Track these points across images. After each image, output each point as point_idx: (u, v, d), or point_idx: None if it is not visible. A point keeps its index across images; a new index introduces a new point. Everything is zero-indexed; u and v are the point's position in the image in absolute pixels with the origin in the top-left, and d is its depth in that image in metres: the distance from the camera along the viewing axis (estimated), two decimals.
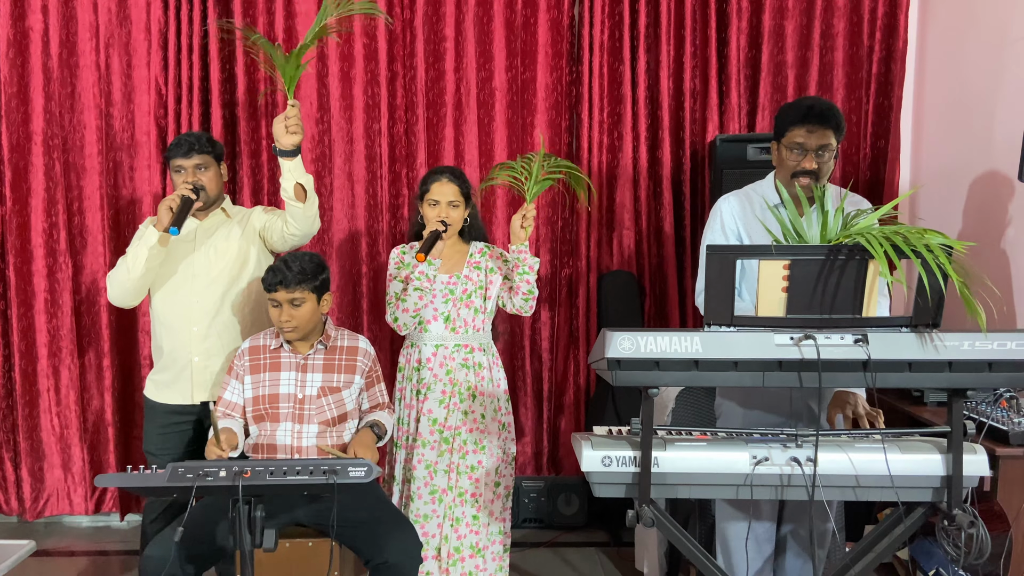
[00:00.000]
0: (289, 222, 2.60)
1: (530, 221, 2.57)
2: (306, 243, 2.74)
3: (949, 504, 1.81)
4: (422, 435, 2.68)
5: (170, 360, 2.64)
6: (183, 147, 2.57)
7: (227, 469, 1.89)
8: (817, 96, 2.34)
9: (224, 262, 2.63)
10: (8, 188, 3.54)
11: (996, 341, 1.73)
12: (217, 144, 2.66)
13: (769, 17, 3.54)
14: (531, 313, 2.73)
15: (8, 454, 3.68)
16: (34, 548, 2.06)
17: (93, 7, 3.51)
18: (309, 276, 2.40)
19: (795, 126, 2.23)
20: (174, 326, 2.61)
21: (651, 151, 3.63)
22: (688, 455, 1.83)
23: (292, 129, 2.43)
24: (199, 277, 2.61)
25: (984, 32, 3.07)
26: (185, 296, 2.60)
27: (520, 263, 2.61)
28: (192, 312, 2.60)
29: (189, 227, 2.63)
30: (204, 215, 2.67)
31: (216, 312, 2.61)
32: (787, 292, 1.78)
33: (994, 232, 2.91)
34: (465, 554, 2.68)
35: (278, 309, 2.42)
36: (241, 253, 2.66)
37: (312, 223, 2.63)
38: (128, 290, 2.56)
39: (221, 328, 2.62)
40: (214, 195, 2.64)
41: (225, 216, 2.70)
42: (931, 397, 2.65)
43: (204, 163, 2.60)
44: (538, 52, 3.60)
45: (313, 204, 2.59)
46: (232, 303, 2.64)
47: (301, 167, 2.51)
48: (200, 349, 2.60)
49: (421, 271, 2.58)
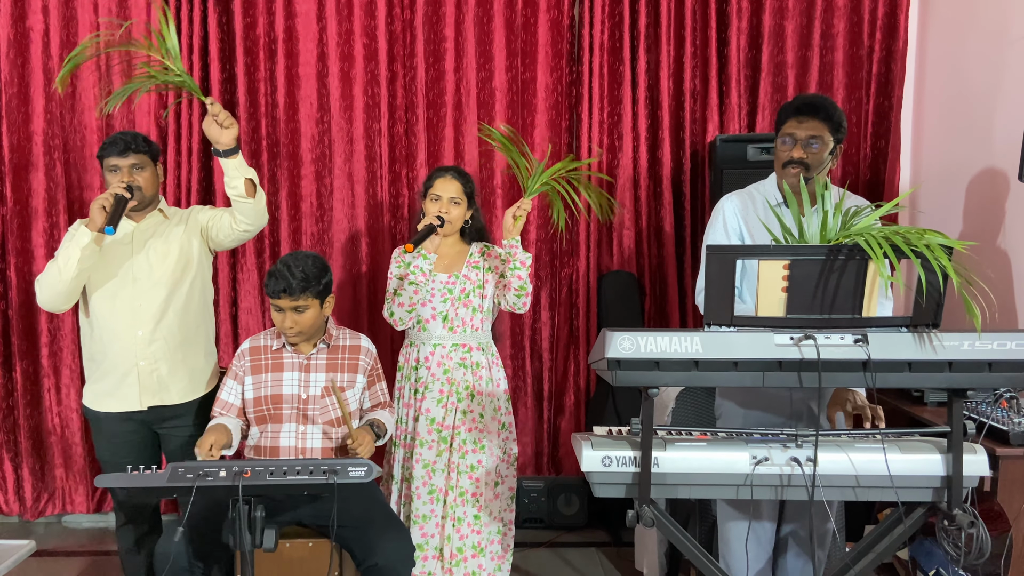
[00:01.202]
0: (239, 218, 2.53)
1: (523, 213, 2.57)
2: (253, 236, 2.67)
3: (949, 504, 1.81)
4: (420, 434, 2.68)
5: (111, 366, 2.54)
6: (118, 146, 2.49)
7: (227, 469, 1.89)
8: (817, 93, 2.35)
9: (166, 264, 2.55)
10: (9, 188, 3.55)
11: (996, 341, 1.73)
12: (153, 144, 2.58)
13: (769, 17, 3.54)
14: (526, 310, 2.72)
15: (9, 454, 3.68)
16: (34, 548, 2.06)
17: (93, 7, 3.52)
18: (312, 282, 2.38)
19: (788, 118, 2.28)
20: (117, 331, 2.51)
21: (651, 151, 3.63)
22: (688, 455, 1.83)
23: (225, 123, 2.36)
24: (140, 280, 2.52)
25: (984, 32, 3.06)
26: (127, 300, 2.51)
27: (511, 258, 2.61)
28: (136, 316, 2.50)
29: (125, 229, 2.55)
30: (140, 216, 2.58)
31: (161, 315, 2.52)
32: (787, 292, 1.78)
33: (994, 232, 2.91)
34: (468, 554, 2.68)
35: (281, 314, 2.40)
36: (184, 254, 2.58)
37: (262, 216, 2.57)
38: (59, 292, 2.43)
39: (167, 331, 2.54)
40: (150, 195, 2.55)
41: (163, 217, 2.62)
42: (931, 397, 2.65)
43: (140, 163, 2.51)
44: (538, 52, 3.60)
45: (262, 198, 2.53)
46: (177, 305, 2.56)
47: (243, 161, 2.46)
48: (146, 353, 2.51)
49: (416, 265, 2.58)
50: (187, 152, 3.54)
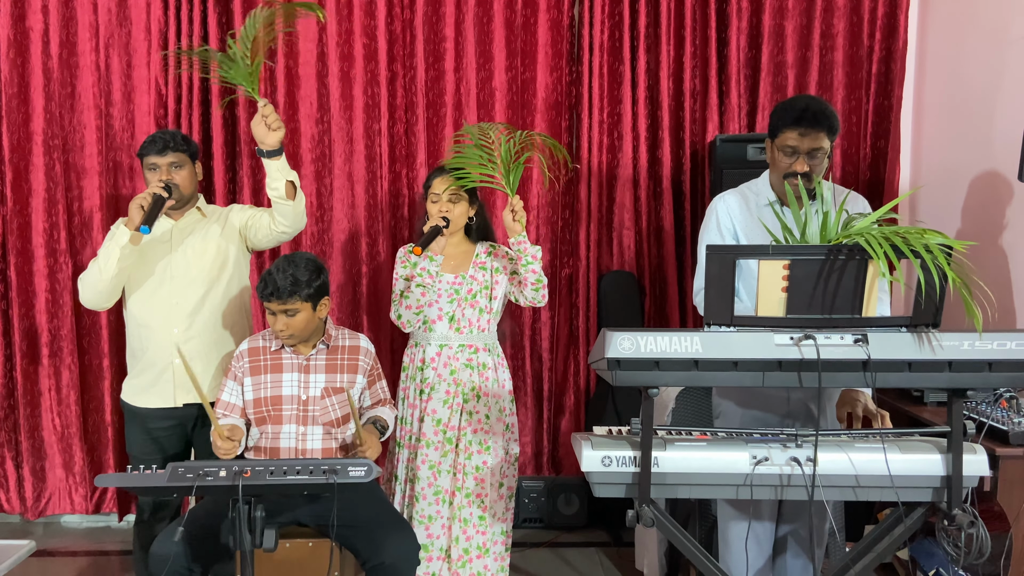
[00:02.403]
0: (278, 219, 2.56)
1: (521, 213, 2.55)
2: (293, 237, 2.71)
3: (949, 504, 1.81)
4: (426, 435, 2.68)
5: (149, 363, 2.59)
6: (157, 144, 2.52)
7: (227, 469, 1.89)
8: (812, 95, 2.30)
9: (203, 262, 2.58)
10: (9, 188, 3.54)
11: (996, 341, 1.73)
12: (192, 143, 2.61)
13: (769, 17, 3.54)
14: (545, 302, 2.71)
15: (10, 453, 3.68)
16: (34, 548, 2.06)
17: (93, 7, 3.51)
18: (302, 285, 2.34)
19: (788, 128, 2.21)
20: (153, 327, 2.56)
21: (651, 151, 3.63)
22: (688, 455, 1.83)
23: (274, 126, 2.39)
24: (178, 278, 2.56)
25: (984, 32, 3.07)
26: (164, 297, 2.55)
27: (522, 254, 2.60)
28: (172, 313, 2.55)
29: (164, 227, 2.58)
30: (179, 215, 2.62)
31: (196, 312, 2.56)
32: (787, 292, 1.78)
33: (994, 232, 2.91)
34: (473, 555, 2.68)
35: (273, 317, 2.39)
36: (220, 253, 2.62)
37: (301, 218, 2.60)
38: (100, 291, 2.49)
39: (202, 328, 2.58)
40: (188, 194, 2.59)
41: (200, 215, 2.65)
42: (931, 397, 2.65)
43: (178, 161, 2.54)
44: (538, 52, 3.60)
45: (302, 200, 2.56)
46: (213, 303, 2.59)
47: (286, 164, 2.49)
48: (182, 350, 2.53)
49: (423, 267, 2.58)
50: None
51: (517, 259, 2.62)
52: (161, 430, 2.61)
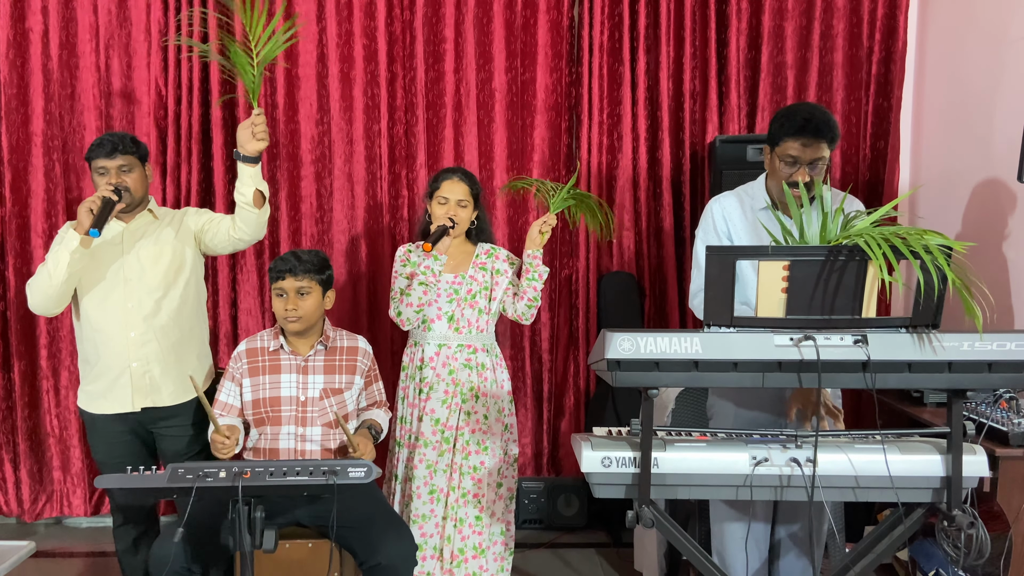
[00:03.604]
0: (239, 226, 2.53)
1: (549, 228, 2.67)
2: (249, 246, 2.69)
3: (949, 505, 1.81)
4: (424, 434, 2.68)
5: (104, 368, 2.52)
6: (106, 147, 2.47)
7: (227, 470, 1.89)
8: (813, 105, 2.25)
9: (159, 266, 2.53)
10: (8, 189, 3.54)
11: (996, 342, 1.73)
12: (141, 145, 2.57)
13: (769, 18, 3.54)
14: (531, 322, 2.78)
15: (8, 455, 3.67)
16: (34, 549, 2.06)
17: (93, 8, 3.52)
18: (316, 268, 2.45)
19: (790, 138, 2.18)
20: (109, 332, 2.50)
21: (651, 152, 3.63)
22: (688, 456, 1.83)
23: (259, 136, 2.39)
24: (132, 281, 2.51)
25: (984, 32, 3.07)
26: (119, 301, 2.49)
27: (531, 268, 2.68)
28: (128, 317, 2.49)
29: (115, 230, 2.53)
30: (129, 217, 2.57)
31: (153, 316, 2.51)
32: (787, 293, 1.78)
33: (994, 232, 2.91)
34: (468, 555, 2.68)
35: (283, 299, 2.42)
36: (176, 256, 2.57)
37: (262, 229, 2.57)
38: (50, 296, 2.42)
39: (159, 332, 2.52)
40: (139, 197, 2.54)
41: (152, 217, 2.60)
42: (931, 398, 2.65)
43: (128, 164, 2.49)
44: (538, 53, 3.60)
45: (267, 211, 2.54)
46: (170, 306, 2.54)
47: (260, 173, 2.47)
48: (138, 355, 2.50)
49: (427, 266, 2.59)
50: (187, 153, 3.53)
51: (525, 271, 2.70)
52: (121, 435, 2.56)
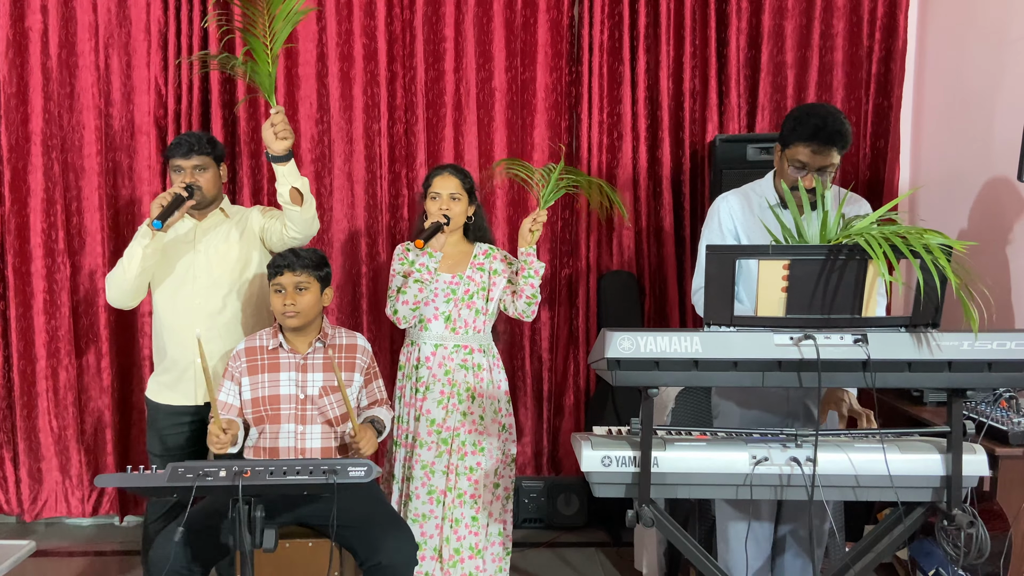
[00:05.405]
0: (288, 225, 2.61)
1: (539, 226, 2.62)
2: (306, 244, 2.75)
3: (949, 504, 1.81)
4: (420, 435, 2.68)
5: (172, 362, 2.64)
6: (183, 147, 2.58)
7: (227, 469, 1.89)
8: (828, 109, 2.18)
9: (226, 264, 2.63)
10: (7, 188, 3.54)
11: (995, 341, 1.73)
12: (218, 145, 2.67)
13: (769, 17, 3.54)
14: (532, 319, 2.76)
15: (8, 454, 3.67)
16: (34, 548, 2.06)
17: (93, 7, 3.51)
18: (314, 264, 2.47)
19: (801, 143, 2.15)
20: (176, 327, 2.61)
21: (651, 151, 3.63)
22: (688, 455, 1.83)
23: (281, 134, 2.43)
24: (200, 278, 2.61)
25: (984, 32, 3.07)
26: (187, 297, 2.61)
27: (526, 266, 2.65)
28: (195, 313, 2.60)
29: (187, 226, 2.63)
30: (202, 215, 2.67)
31: (219, 313, 2.62)
32: (787, 292, 1.78)
33: (994, 232, 2.91)
34: (465, 555, 2.68)
35: (281, 295, 2.43)
36: (243, 256, 2.67)
37: (311, 225, 2.64)
38: (125, 291, 2.55)
39: (223, 330, 2.62)
40: (211, 196, 2.64)
41: (224, 216, 2.70)
42: (931, 397, 2.62)
43: (203, 164, 2.60)
44: (538, 52, 3.60)
45: (311, 207, 2.59)
46: (235, 305, 2.65)
47: (295, 171, 2.52)
48: (204, 350, 2.57)
49: (422, 263, 2.59)
50: None
51: (520, 269, 2.67)
52: (179, 426, 2.65)
